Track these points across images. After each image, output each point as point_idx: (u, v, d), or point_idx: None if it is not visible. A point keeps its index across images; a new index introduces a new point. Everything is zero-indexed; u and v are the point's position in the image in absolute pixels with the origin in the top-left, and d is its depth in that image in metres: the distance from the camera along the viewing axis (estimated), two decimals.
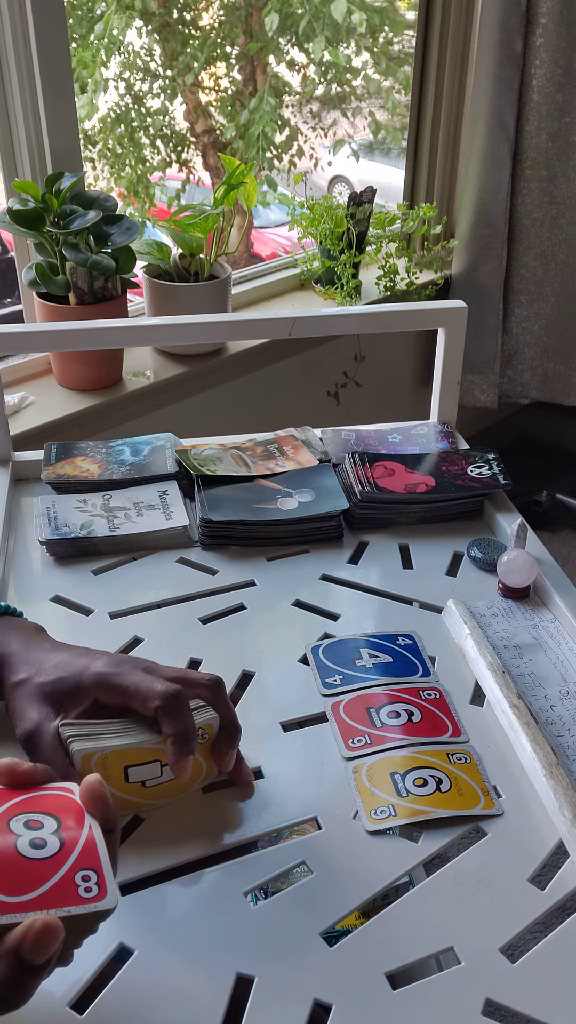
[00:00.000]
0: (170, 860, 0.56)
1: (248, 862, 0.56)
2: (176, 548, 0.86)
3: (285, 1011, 0.48)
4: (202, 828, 0.58)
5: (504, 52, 1.99)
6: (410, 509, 0.90)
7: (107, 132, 2.50)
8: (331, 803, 0.60)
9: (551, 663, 0.73)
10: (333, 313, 0.97)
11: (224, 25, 2.60)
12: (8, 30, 1.42)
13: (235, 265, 1.98)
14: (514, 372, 2.40)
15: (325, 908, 0.54)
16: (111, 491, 0.91)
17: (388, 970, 0.51)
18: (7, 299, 2.12)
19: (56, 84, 1.48)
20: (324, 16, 2.47)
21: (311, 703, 0.68)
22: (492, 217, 2.15)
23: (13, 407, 1.52)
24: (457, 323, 0.97)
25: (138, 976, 0.50)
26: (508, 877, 0.56)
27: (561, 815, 0.58)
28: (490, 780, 0.62)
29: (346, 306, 1.93)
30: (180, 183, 2.70)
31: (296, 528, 0.87)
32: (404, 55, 2.70)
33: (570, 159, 2.13)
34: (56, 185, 1.44)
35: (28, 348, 0.98)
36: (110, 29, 2.34)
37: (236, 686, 0.70)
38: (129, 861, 0.56)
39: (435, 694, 0.69)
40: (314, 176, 3.48)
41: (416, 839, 0.58)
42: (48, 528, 0.85)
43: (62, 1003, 0.48)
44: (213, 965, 0.50)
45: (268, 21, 2.49)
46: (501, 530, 0.88)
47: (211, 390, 1.76)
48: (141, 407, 1.63)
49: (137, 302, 1.76)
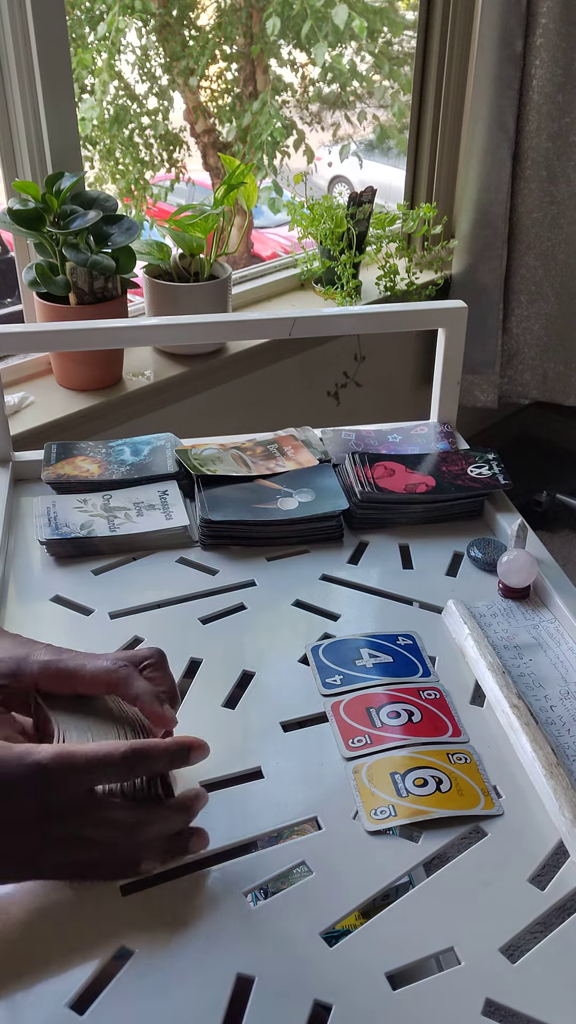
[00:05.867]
0: (170, 860, 0.56)
1: (248, 862, 0.56)
2: (176, 548, 0.86)
3: (285, 1011, 0.48)
4: (202, 828, 0.58)
5: (504, 52, 1.99)
6: (410, 509, 0.90)
7: (104, 132, 2.50)
8: (331, 803, 0.60)
9: (551, 663, 0.73)
10: (333, 313, 0.96)
11: (224, 27, 2.60)
12: (8, 30, 1.42)
13: (235, 265, 1.98)
14: (514, 372, 2.40)
15: (325, 908, 0.54)
16: (111, 491, 0.91)
17: (388, 970, 0.51)
18: (7, 299, 2.12)
19: (56, 84, 1.48)
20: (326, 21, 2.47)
21: (311, 703, 0.68)
22: (492, 217, 2.15)
23: (13, 407, 1.52)
24: (457, 323, 0.97)
25: (138, 976, 0.50)
26: (508, 877, 0.56)
27: (561, 815, 0.58)
28: (490, 780, 0.62)
29: (346, 306, 1.93)
30: (169, 182, 2.71)
31: (296, 528, 0.87)
32: (404, 55, 2.70)
33: (570, 159, 2.13)
34: (56, 185, 1.44)
35: (28, 348, 0.98)
36: (114, 28, 2.34)
37: (236, 686, 0.70)
38: None
39: (435, 694, 0.69)
40: (314, 176, 3.49)
41: (416, 839, 0.58)
42: (48, 528, 0.85)
43: (62, 1003, 0.48)
44: (213, 965, 0.50)
45: (270, 24, 2.49)
46: (501, 530, 0.88)
47: (211, 390, 1.76)
48: (141, 407, 1.63)
49: (137, 302, 1.76)
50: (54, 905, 0.53)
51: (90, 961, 0.50)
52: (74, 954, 0.51)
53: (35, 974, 0.50)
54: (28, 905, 0.53)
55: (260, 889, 0.55)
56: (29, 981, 0.49)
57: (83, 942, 0.51)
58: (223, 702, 0.68)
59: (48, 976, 0.50)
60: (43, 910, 0.53)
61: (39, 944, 0.51)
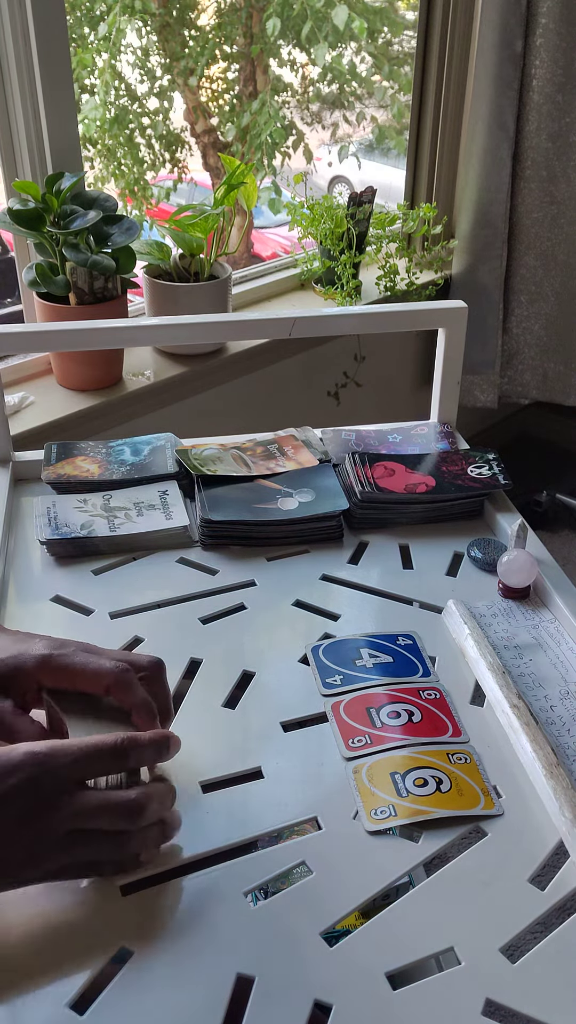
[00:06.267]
0: (170, 860, 0.56)
1: (248, 862, 0.56)
2: (176, 548, 0.86)
3: (285, 1011, 0.48)
4: (202, 828, 0.58)
5: (504, 52, 1.99)
6: (410, 509, 0.90)
7: (104, 132, 2.50)
8: (331, 803, 0.60)
9: (551, 663, 0.73)
10: (333, 313, 0.96)
11: (224, 27, 2.60)
12: (8, 30, 1.42)
13: (235, 265, 1.98)
14: (514, 372, 2.40)
15: (325, 908, 0.54)
16: (111, 491, 0.91)
17: (388, 970, 0.51)
18: (7, 299, 2.12)
19: (56, 84, 1.48)
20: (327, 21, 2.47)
21: (311, 703, 0.68)
22: (492, 217, 2.15)
23: (13, 407, 1.52)
24: (457, 323, 0.97)
25: (138, 976, 0.50)
26: (508, 877, 0.56)
27: (561, 815, 0.58)
28: (490, 780, 0.62)
29: (346, 306, 1.93)
30: (172, 182, 2.70)
31: (296, 528, 0.87)
32: (404, 55, 2.70)
33: (570, 159, 2.13)
34: (56, 185, 1.44)
35: (28, 348, 0.98)
36: (115, 28, 2.34)
37: (236, 686, 0.70)
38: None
39: (435, 694, 0.69)
40: (314, 176, 3.49)
41: (416, 839, 0.58)
42: (48, 528, 0.85)
43: (62, 1003, 0.48)
44: (213, 965, 0.50)
45: (270, 25, 2.48)
46: (501, 530, 0.88)
47: (211, 390, 1.76)
48: (141, 407, 1.63)
49: (137, 302, 1.76)
50: (54, 906, 0.53)
51: (90, 961, 0.50)
52: (74, 954, 0.51)
53: (35, 974, 0.50)
54: (28, 906, 0.53)
55: (260, 889, 0.55)
56: (29, 981, 0.49)
57: (83, 942, 0.51)
58: (223, 702, 0.68)
59: (48, 976, 0.50)
60: (43, 910, 0.53)
61: (39, 944, 0.51)
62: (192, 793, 0.61)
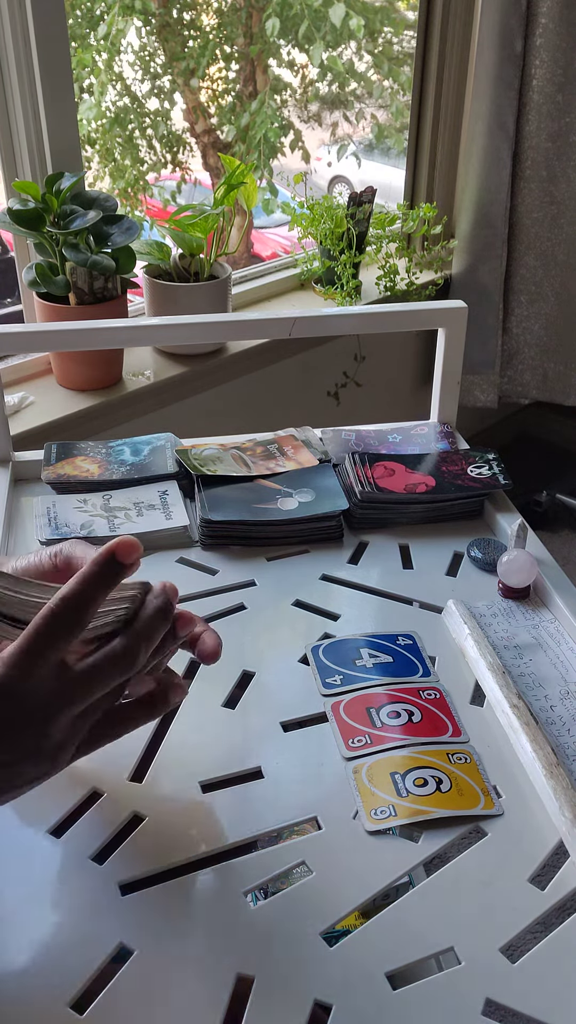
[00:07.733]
0: (170, 860, 0.56)
1: (248, 862, 0.56)
2: (176, 548, 0.86)
3: (285, 1011, 0.48)
4: (202, 828, 0.58)
5: (504, 52, 1.99)
6: (410, 509, 0.90)
7: (104, 133, 2.50)
8: (331, 803, 0.60)
9: (551, 663, 0.73)
10: (333, 313, 0.97)
11: (224, 27, 2.60)
12: (8, 30, 1.42)
13: (235, 265, 1.98)
14: (514, 372, 2.40)
15: (325, 908, 0.54)
16: (111, 491, 0.91)
17: (388, 970, 0.51)
18: (7, 299, 2.12)
19: (56, 84, 1.48)
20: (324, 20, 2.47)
21: (311, 703, 0.68)
22: (492, 217, 2.15)
23: (13, 407, 1.52)
24: (457, 323, 0.97)
25: (138, 976, 0.50)
26: (508, 877, 0.56)
27: (561, 815, 0.58)
28: (490, 780, 0.62)
29: (346, 306, 1.93)
30: (175, 183, 2.70)
31: (296, 528, 0.87)
32: (404, 55, 2.70)
33: (570, 159, 2.13)
34: (56, 185, 1.44)
35: (28, 348, 0.98)
36: (114, 28, 2.34)
37: (236, 686, 0.70)
38: (129, 861, 0.56)
39: (435, 694, 0.69)
40: (314, 176, 3.48)
41: (416, 839, 0.58)
42: (48, 528, 0.85)
43: (62, 1003, 0.48)
44: (213, 965, 0.50)
45: (270, 25, 2.48)
46: (501, 530, 0.88)
47: (211, 390, 1.76)
48: (141, 407, 1.63)
49: (137, 302, 1.76)
50: (54, 905, 0.53)
51: (90, 961, 0.50)
52: (74, 954, 0.51)
53: (35, 974, 0.50)
54: (29, 905, 0.53)
55: (260, 889, 0.55)
56: (29, 981, 0.49)
57: (83, 942, 0.51)
58: (223, 702, 0.68)
59: (48, 976, 0.50)
60: (43, 910, 0.53)
61: (39, 944, 0.51)
62: (192, 793, 0.61)
